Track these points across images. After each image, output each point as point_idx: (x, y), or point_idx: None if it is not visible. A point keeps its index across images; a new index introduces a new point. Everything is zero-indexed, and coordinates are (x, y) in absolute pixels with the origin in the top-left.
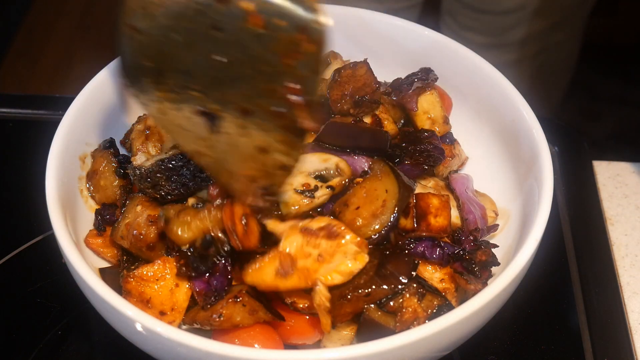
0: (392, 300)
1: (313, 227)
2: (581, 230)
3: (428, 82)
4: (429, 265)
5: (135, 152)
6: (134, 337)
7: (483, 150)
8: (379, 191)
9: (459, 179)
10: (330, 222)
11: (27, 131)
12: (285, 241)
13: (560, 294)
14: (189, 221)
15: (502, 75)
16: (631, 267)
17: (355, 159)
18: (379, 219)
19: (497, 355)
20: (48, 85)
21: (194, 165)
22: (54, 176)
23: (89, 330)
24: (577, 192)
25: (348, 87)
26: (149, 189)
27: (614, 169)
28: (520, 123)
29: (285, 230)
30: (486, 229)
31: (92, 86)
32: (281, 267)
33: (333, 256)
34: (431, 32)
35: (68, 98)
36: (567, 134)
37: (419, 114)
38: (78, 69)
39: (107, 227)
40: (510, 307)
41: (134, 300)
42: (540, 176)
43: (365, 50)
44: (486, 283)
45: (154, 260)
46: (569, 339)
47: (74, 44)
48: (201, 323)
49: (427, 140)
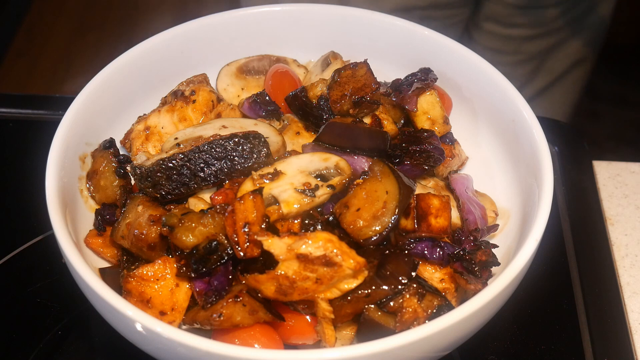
0: (392, 301)
1: (310, 256)
2: (581, 230)
3: (427, 82)
4: (429, 266)
5: (135, 152)
6: (134, 337)
7: (483, 150)
8: (379, 192)
9: (459, 179)
10: (326, 252)
11: (27, 131)
12: (282, 265)
13: (560, 294)
14: (193, 227)
15: (502, 75)
16: (631, 267)
17: (355, 159)
18: (379, 220)
19: (497, 355)
20: (48, 85)
21: (194, 164)
22: (54, 176)
23: (89, 330)
24: (577, 192)
25: (348, 87)
26: (150, 188)
27: (614, 169)
28: (520, 123)
29: (281, 252)
30: (486, 229)
31: (92, 86)
32: (280, 287)
33: (331, 279)
34: (431, 32)
35: (68, 98)
36: (567, 134)
37: (419, 115)
38: (78, 69)
39: (107, 227)
40: (510, 307)
41: (134, 300)
42: (540, 176)
43: (365, 50)
44: (486, 283)
45: (155, 260)
46: (569, 339)
47: (74, 44)
48: (201, 323)
49: (427, 141)
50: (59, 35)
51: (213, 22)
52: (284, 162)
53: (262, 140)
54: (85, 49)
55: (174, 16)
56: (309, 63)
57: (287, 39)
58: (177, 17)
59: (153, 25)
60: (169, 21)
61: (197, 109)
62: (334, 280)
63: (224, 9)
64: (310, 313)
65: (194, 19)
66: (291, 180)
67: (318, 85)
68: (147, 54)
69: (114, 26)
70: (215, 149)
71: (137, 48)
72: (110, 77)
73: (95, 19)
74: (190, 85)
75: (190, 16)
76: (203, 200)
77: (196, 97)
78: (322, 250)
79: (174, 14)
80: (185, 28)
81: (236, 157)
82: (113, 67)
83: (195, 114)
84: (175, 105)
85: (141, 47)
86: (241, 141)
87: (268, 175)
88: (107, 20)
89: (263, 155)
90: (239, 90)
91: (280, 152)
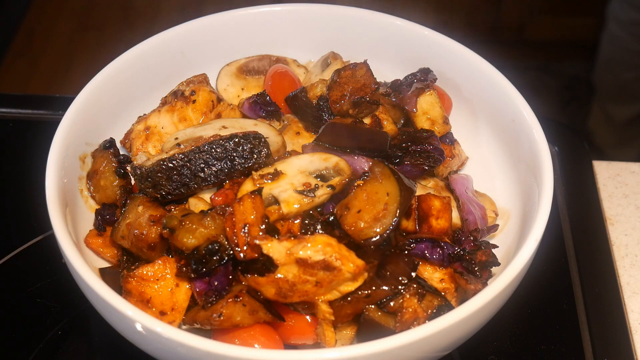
0: (392, 301)
1: (309, 260)
2: (581, 230)
3: (427, 82)
4: (429, 266)
5: (135, 152)
6: (134, 337)
7: (483, 150)
8: (380, 194)
9: (459, 179)
10: (325, 256)
11: (27, 131)
12: (281, 269)
13: (560, 294)
14: (193, 229)
15: (502, 75)
16: (631, 267)
17: (355, 159)
18: (380, 222)
19: (497, 355)
20: (48, 85)
21: (194, 164)
22: (54, 176)
23: (89, 330)
24: (577, 192)
25: (348, 87)
26: (150, 188)
27: (614, 169)
28: (520, 123)
29: (281, 257)
30: (486, 229)
31: (92, 86)
32: (280, 290)
33: (331, 283)
34: (431, 32)
35: (68, 98)
36: (567, 134)
37: (419, 115)
38: (78, 69)
39: (107, 227)
40: (510, 307)
41: (134, 300)
42: (540, 176)
43: (365, 50)
44: (486, 283)
45: (155, 260)
46: (569, 339)
47: (74, 44)
48: (201, 323)
49: (427, 141)
50: (59, 35)
51: (213, 22)
52: (284, 162)
53: (262, 140)
54: (85, 49)
55: (174, 16)
56: (309, 63)
57: (287, 39)
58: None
59: (153, 25)
60: (168, 21)
61: (197, 109)
62: (333, 283)
63: (224, 9)
64: (310, 313)
65: (194, 19)
66: (291, 181)
67: (318, 85)
68: (147, 54)
69: (114, 26)
70: (216, 149)
71: (137, 48)
72: (110, 77)
73: (95, 19)
74: (190, 85)
75: (190, 16)
76: (203, 201)
77: (196, 97)
78: (321, 254)
79: (174, 14)
80: (185, 28)
81: (236, 158)
82: (113, 67)
83: (195, 114)
84: (175, 105)
85: (141, 47)
86: (241, 141)
87: (268, 175)
88: (107, 20)
89: (263, 156)
90: (239, 91)
91: (280, 152)
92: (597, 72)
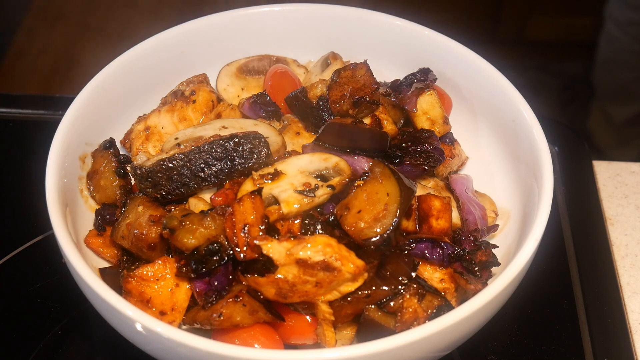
0: (392, 301)
1: (309, 261)
2: (581, 230)
3: (427, 82)
4: (429, 266)
5: (136, 152)
6: (134, 337)
7: (483, 150)
8: (380, 194)
9: (459, 179)
10: (325, 257)
11: (27, 131)
12: (281, 269)
13: (560, 294)
14: (194, 229)
15: (502, 75)
16: (631, 267)
17: (355, 159)
18: (380, 222)
19: (497, 355)
20: (48, 85)
21: (194, 164)
22: (54, 176)
23: (89, 330)
24: (577, 192)
25: (347, 88)
26: (150, 188)
27: (614, 169)
28: (520, 123)
29: (281, 257)
30: (486, 229)
31: (92, 86)
32: (280, 290)
33: (331, 283)
34: (431, 32)
35: (68, 98)
36: (567, 134)
37: (418, 115)
38: (78, 69)
39: (107, 227)
40: (510, 307)
41: (134, 300)
42: (540, 176)
43: (365, 50)
44: (486, 283)
45: (155, 260)
46: (569, 339)
47: (74, 44)
48: (201, 323)
49: (427, 141)
50: (59, 35)
51: (213, 22)
52: (284, 162)
53: (262, 140)
54: (85, 49)
55: (174, 16)
56: (309, 63)
57: (287, 39)
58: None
59: (153, 25)
60: (169, 21)
61: (197, 109)
62: (333, 283)
63: (224, 9)
64: (310, 313)
65: (194, 19)
66: (291, 181)
67: (318, 85)
68: (147, 54)
69: (114, 26)
70: (216, 149)
71: (137, 48)
72: (110, 77)
73: (95, 19)
74: (190, 85)
75: (190, 16)
76: (203, 201)
77: (196, 97)
78: (321, 255)
79: (174, 14)
80: (185, 28)
81: (236, 158)
82: (113, 67)
83: (195, 114)
84: (175, 105)
85: (141, 47)
86: (241, 141)
87: (268, 175)
88: (107, 20)
89: (263, 156)
90: (239, 91)
91: (280, 152)
92: (595, 72)
